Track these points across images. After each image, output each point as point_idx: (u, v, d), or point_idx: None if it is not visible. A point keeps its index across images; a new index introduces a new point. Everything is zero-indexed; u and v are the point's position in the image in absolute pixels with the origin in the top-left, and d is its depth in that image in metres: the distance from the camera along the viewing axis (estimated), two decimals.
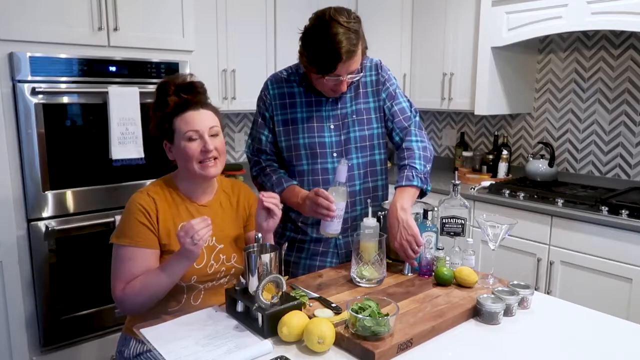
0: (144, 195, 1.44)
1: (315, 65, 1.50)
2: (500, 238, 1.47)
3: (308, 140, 1.66)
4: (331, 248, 1.74)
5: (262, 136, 1.71)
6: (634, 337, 1.26)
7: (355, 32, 1.47)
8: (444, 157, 3.82)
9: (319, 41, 1.46)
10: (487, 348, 1.18)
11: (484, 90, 3.04)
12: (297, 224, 1.74)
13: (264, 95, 1.71)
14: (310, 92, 1.68)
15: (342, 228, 1.57)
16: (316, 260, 1.74)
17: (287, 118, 1.68)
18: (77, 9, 2.27)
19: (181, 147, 1.42)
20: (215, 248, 1.48)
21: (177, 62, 2.58)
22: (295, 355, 1.13)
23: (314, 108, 1.67)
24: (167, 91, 1.44)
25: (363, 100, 1.70)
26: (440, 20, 3.31)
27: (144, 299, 1.36)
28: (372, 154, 1.73)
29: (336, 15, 1.46)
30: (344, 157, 1.67)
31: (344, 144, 1.68)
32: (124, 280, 1.38)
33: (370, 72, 1.73)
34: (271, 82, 1.71)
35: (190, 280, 1.43)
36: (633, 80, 2.79)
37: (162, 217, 1.43)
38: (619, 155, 2.88)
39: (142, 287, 1.35)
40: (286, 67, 1.76)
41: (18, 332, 2.28)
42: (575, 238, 2.45)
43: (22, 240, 2.25)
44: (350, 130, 1.68)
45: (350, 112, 1.69)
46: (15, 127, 2.18)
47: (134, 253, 1.39)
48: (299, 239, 1.75)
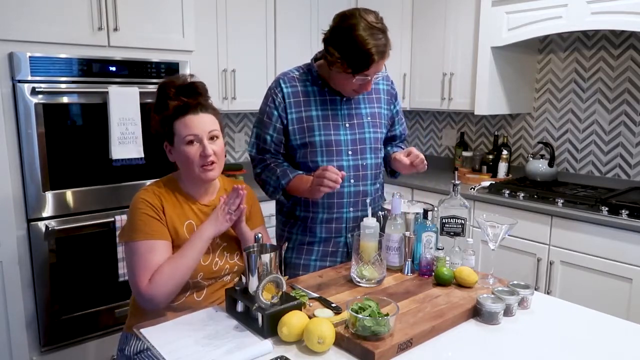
0: (149, 192, 1.45)
1: (350, 65, 1.52)
2: (500, 238, 1.47)
3: (324, 138, 1.67)
4: (340, 247, 1.75)
5: (267, 136, 1.70)
6: (634, 337, 1.26)
7: (384, 32, 1.53)
8: (444, 157, 3.82)
9: (353, 41, 1.49)
10: (487, 348, 1.18)
11: (484, 90, 3.04)
12: (307, 224, 1.74)
13: (273, 94, 1.70)
14: (324, 91, 1.70)
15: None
16: (326, 260, 1.75)
17: (302, 116, 1.68)
18: (77, 9, 2.27)
19: (181, 151, 1.44)
20: (220, 246, 1.50)
21: (177, 62, 2.57)
22: (295, 355, 1.13)
23: (329, 106, 1.69)
24: (167, 93, 1.45)
25: (377, 105, 1.76)
26: (440, 20, 3.31)
27: (172, 284, 1.36)
28: (379, 157, 1.78)
29: (366, 16, 1.50)
30: (359, 155, 1.70)
31: (359, 143, 1.71)
32: (149, 271, 1.36)
33: (385, 81, 1.81)
34: (283, 80, 1.71)
35: (197, 277, 1.44)
36: (633, 80, 2.79)
37: (168, 214, 1.44)
38: (619, 155, 2.88)
39: (170, 272, 1.35)
40: (295, 67, 1.76)
41: (18, 332, 2.28)
42: (575, 238, 2.45)
43: (22, 240, 2.25)
44: (366, 130, 1.72)
45: (365, 113, 1.73)
46: (15, 127, 2.18)
47: (152, 245, 1.38)
48: (308, 241, 1.75)
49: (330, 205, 1.70)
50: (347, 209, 1.71)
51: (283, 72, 1.75)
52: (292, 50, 3.26)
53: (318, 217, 1.71)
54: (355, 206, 1.72)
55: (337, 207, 1.70)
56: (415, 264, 1.58)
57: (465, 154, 3.53)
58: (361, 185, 1.71)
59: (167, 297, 1.37)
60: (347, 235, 1.73)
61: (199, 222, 1.47)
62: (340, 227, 1.72)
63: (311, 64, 1.72)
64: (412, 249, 1.56)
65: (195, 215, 1.48)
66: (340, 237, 1.74)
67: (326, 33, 1.58)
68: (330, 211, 1.70)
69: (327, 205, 1.70)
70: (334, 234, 1.73)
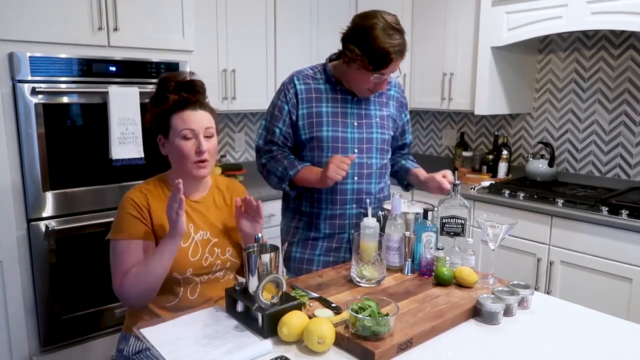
0: (136, 191, 1.47)
1: (371, 63, 1.57)
2: (500, 238, 1.47)
3: (332, 134, 1.71)
4: (344, 243, 1.78)
5: (276, 129, 1.74)
6: (634, 337, 1.26)
7: (402, 33, 1.59)
8: (444, 157, 3.82)
9: (374, 40, 1.54)
10: (487, 348, 1.18)
11: (484, 90, 3.04)
12: (312, 219, 1.77)
13: (286, 89, 1.75)
14: (336, 90, 1.74)
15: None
16: (330, 256, 1.78)
17: (312, 111, 1.72)
18: (77, 9, 2.27)
19: (175, 145, 1.44)
20: (210, 241, 1.50)
21: (177, 62, 2.57)
22: (295, 355, 1.13)
23: (339, 104, 1.74)
24: (167, 87, 1.46)
25: (385, 109, 1.81)
26: (440, 20, 3.31)
27: (140, 288, 1.37)
28: (385, 158, 1.81)
29: (386, 17, 1.57)
30: (365, 154, 1.73)
31: (365, 142, 1.74)
32: (121, 272, 1.39)
33: (397, 88, 1.87)
34: (297, 77, 1.76)
35: (186, 272, 1.44)
36: (633, 80, 2.79)
37: (154, 212, 1.44)
38: (619, 155, 2.88)
39: (136, 276, 1.36)
40: (310, 65, 1.81)
41: (18, 332, 2.28)
42: (575, 238, 2.45)
43: (22, 240, 2.25)
44: (374, 131, 1.76)
45: (374, 114, 1.77)
46: (15, 127, 2.18)
47: (128, 245, 1.40)
48: (312, 237, 1.78)
49: (334, 202, 1.73)
50: (350, 206, 1.74)
51: (298, 70, 1.79)
52: (292, 50, 3.26)
53: (322, 213, 1.75)
54: (358, 203, 1.75)
55: (340, 203, 1.73)
56: (415, 264, 1.58)
57: (465, 154, 3.53)
58: (365, 184, 1.75)
59: (138, 299, 1.38)
60: (350, 231, 1.76)
61: (188, 218, 1.47)
62: (343, 223, 1.75)
63: (325, 64, 1.77)
64: (412, 249, 1.56)
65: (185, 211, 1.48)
66: (343, 234, 1.77)
67: (346, 32, 1.62)
68: (333, 207, 1.73)
69: (331, 201, 1.73)
70: (337, 230, 1.76)
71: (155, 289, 1.39)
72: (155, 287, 1.38)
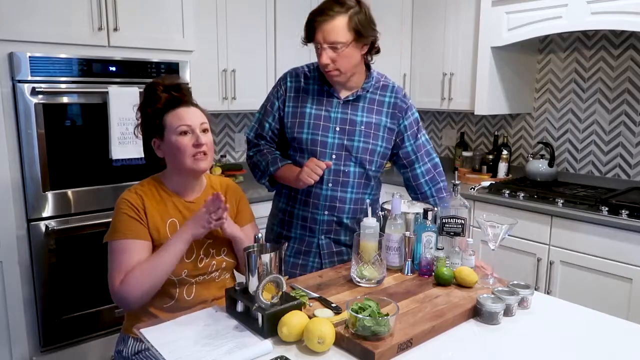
0: (131, 192, 1.47)
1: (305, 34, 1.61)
2: (500, 238, 1.47)
3: (312, 137, 1.69)
4: (314, 248, 1.76)
5: (266, 123, 1.76)
6: (634, 337, 1.26)
7: (341, 3, 1.55)
8: (444, 157, 3.82)
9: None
10: (487, 348, 1.18)
11: (483, 90, 3.04)
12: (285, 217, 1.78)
13: (279, 85, 1.76)
14: (323, 91, 1.72)
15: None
16: (299, 258, 1.78)
17: (297, 111, 1.71)
18: (77, 9, 2.27)
19: (172, 142, 1.44)
20: (205, 242, 1.49)
21: (177, 62, 2.57)
22: (295, 355, 1.13)
23: (324, 107, 1.71)
24: (156, 89, 1.47)
25: (376, 116, 1.73)
26: (440, 20, 3.31)
27: (145, 286, 1.35)
28: (369, 169, 1.74)
29: None
30: (342, 161, 1.69)
31: (345, 149, 1.70)
32: (121, 271, 1.37)
33: (393, 93, 1.76)
34: (290, 74, 1.76)
35: (181, 274, 1.44)
36: (633, 80, 2.79)
37: (150, 213, 1.44)
38: (619, 155, 2.88)
39: (142, 273, 1.35)
40: (308, 63, 1.80)
41: (18, 332, 2.28)
42: (575, 238, 2.45)
43: (22, 240, 2.25)
44: (356, 139, 1.70)
45: (360, 122, 1.71)
46: (15, 127, 2.18)
47: (127, 245, 1.39)
48: (285, 235, 1.79)
49: (307, 204, 1.72)
50: (322, 212, 1.72)
51: (294, 67, 1.80)
52: (292, 51, 3.25)
53: (295, 213, 1.75)
54: (330, 210, 1.71)
55: (313, 207, 1.72)
56: (415, 264, 1.58)
57: (465, 154, 3.53)
58: (339, 192, 1.71)
59: (139, 298, 1.37)
60: (320, 237, 1.74)
61: (183, 219, 1.47)
62: (314, 227, 1.74)
63: None
64: (412, 249, 1.56)
65: (179, 212, 1.49)
66: (313, 238, 1.75)
67: None
68: (305, 209, 1.73)
69: (304, 202, 1.73)
70: (308, 232, 1.75)
71: (158, 287, 1.38)
72: (160, 283, 1.38)
